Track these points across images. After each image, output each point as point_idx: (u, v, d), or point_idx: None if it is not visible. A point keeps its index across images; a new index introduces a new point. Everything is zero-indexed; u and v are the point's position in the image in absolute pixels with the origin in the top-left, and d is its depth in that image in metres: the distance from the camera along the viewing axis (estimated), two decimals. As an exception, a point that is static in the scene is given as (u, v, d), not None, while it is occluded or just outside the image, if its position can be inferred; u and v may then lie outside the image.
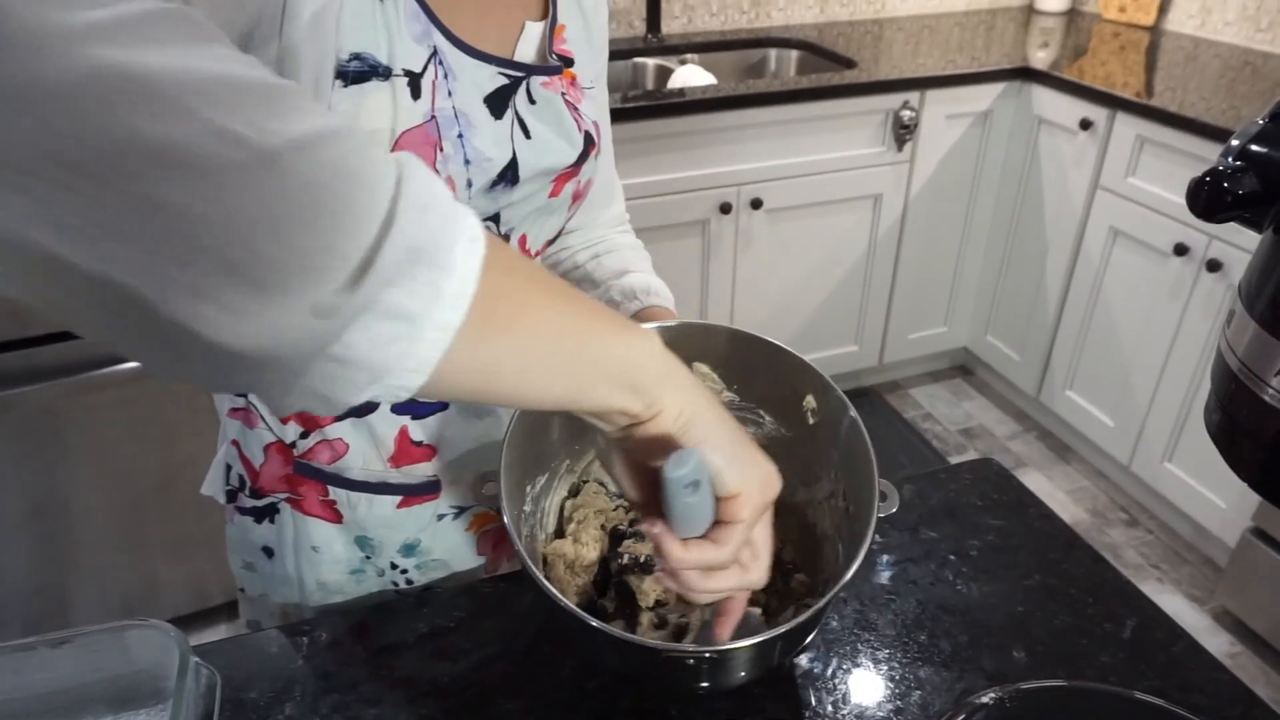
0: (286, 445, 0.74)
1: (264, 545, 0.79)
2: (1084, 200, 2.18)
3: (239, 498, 0.78)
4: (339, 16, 0.56)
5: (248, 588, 0.83)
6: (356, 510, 0.76)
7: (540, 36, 0.71)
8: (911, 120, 2.21)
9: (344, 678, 0.68)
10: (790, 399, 0.71)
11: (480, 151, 0.65)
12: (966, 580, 0.77)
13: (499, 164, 0.66)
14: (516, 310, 0.41)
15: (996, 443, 2.55)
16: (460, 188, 0.65)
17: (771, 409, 0.74)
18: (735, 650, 0.57)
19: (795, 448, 0.72)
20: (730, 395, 0.74)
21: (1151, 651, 0.70)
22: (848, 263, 2.42)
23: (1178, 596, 2.05)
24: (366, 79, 0.59)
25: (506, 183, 0.67)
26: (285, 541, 0.78)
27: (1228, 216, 0.37)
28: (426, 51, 0.62)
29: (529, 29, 0.70)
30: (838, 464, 0.69)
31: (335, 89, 0.58)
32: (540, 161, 0.70)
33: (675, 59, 2.42)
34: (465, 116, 0.64)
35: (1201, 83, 2.08)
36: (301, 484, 0.75)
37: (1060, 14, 2.78)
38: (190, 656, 0.59)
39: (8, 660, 0.61)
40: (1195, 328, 1.95)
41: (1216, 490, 1.99)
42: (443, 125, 0.62)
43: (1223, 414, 0.40)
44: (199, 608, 1.93)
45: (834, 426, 0.69)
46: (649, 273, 0.88)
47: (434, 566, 0.82)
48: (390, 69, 0.60)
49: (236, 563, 0.82)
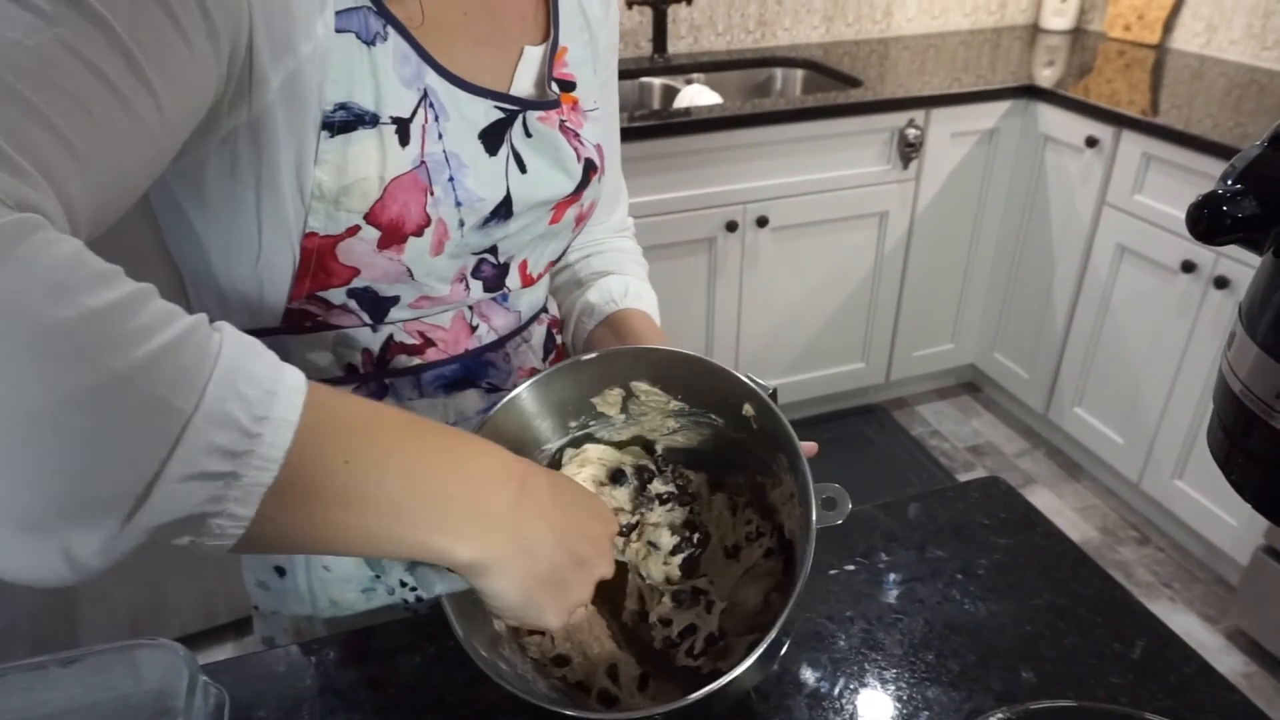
0: None
1: (276, 564, 0.79)
2: (1090, 217, 2.18)
3: None
4: (323, 68, 0.56)
5: (261, 605, 0.84)
6: None
7: (540, 62, 0.70)
8: (917, 138, 2.22)
9: (352, 697, 0.68)
10: (734, 407, 0.68)
11: (472, 192, 0.64)
12: (974, 599, 0.77)
13: (491, 203, 0.66)
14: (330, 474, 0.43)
15: (1005, 460, 2.55)
16: (452, 228, 0.64)
17: (721, 413, 0.72)
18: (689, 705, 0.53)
19: (751, 448, 0.70)
20: (678, 404, 0.71)
21: (1162, 672, 0.70)
22: (854, 280, 2.42)
23: (1190, 616, 2.03)
24: (353, 128, 0.58)
25: (500, 218, 0.67)
26: (296, 560, 0.78)
27: (1228, 240, 0.37)
28: (416, 95, 0.61)
29: (528, 55, 0.69)
30: (786, 466, 0.67)
31: (321, 139, 0.57)
32: (535, 195, 0.69)
33: (681, 79, 2.44)
34: (456, 158, 0.63)
35: (1208, 100, 2.09)
36: None
37: (1065, 32, 2.79)
38: (199, 676, 0.59)
39: (19, 679, 0.61)
40: (1204, 344, 1.95)
41: (1228, 508, 1.98)
42: (433, 170, 0.62)
43: (1226, 436, 0.41)
44: (206, 626, 1.93)
45: (769, 436, 0.66)
46: (638, 278, 0.86)
47: None
48: (378, 116, 0.59)
49: (250, 580, 0.83)
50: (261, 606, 0.84)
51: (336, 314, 0.66)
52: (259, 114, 0.55)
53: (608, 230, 0.90)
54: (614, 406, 0.72)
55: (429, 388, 0.74)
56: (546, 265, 0.78)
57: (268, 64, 0.53)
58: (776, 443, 0.65)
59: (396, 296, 0.66)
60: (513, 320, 0.77)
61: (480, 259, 0.70)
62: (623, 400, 0.72)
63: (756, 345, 2.40)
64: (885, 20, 2.74)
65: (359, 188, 0.59)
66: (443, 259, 0.66)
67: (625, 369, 0.70)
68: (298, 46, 0.54)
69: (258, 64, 0.53)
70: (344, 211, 0.60)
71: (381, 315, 0.68)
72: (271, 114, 0.55)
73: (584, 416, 0.73)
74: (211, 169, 0.58)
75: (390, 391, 0.73)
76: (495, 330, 0.75)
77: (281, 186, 0.58)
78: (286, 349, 0.69)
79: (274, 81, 0.54)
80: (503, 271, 0.72)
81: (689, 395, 0.71)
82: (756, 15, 2.60)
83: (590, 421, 0.73)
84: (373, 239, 0.61)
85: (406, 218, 0.61)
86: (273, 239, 0.61)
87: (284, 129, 0.56)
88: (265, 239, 0.61)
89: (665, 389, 0.71)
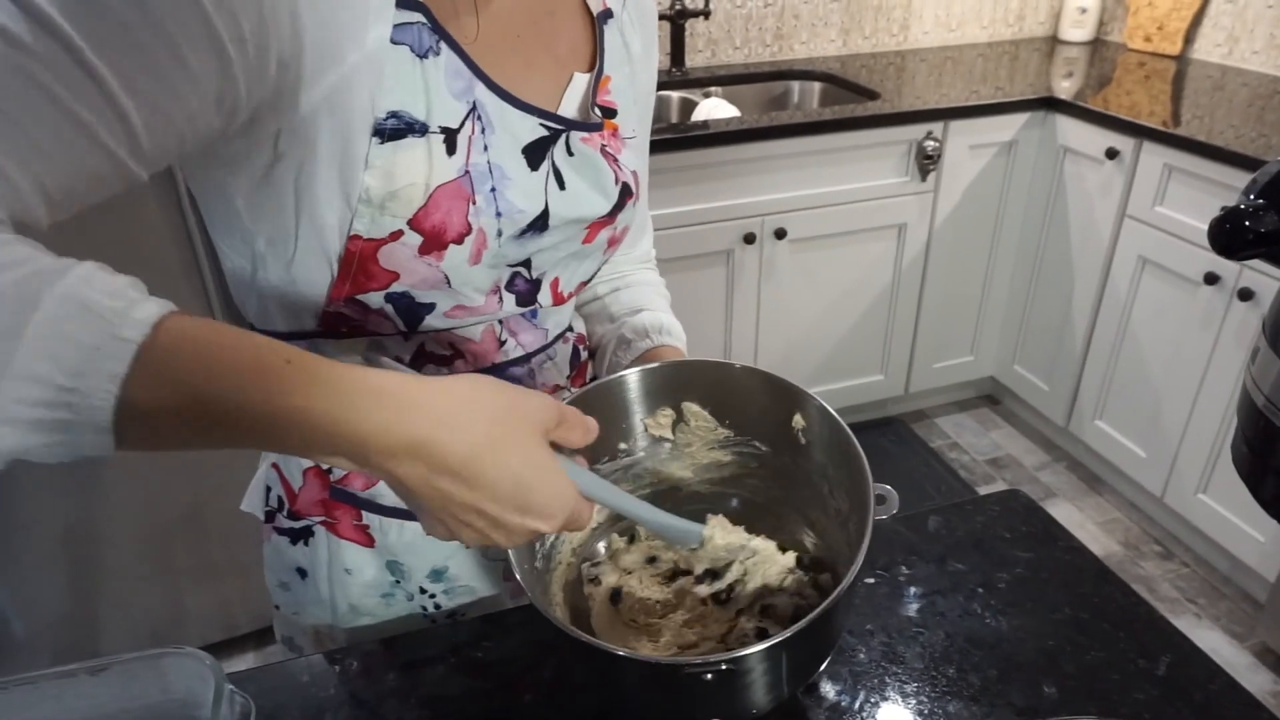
0: (324, 471, 0.76)
1: (298, 566, 0.80)
2: (1111, 229, 2.17)
3: (277, 518, 0.80)
4: (377, 77, 0.58)
5: (282, 606, 0.85)
6: (388, 535, 0.78)
7: (586, 88, 0.73)
8: (935, 150, 2.22)
9: (375, 705, 0.69)
10: (782, 421, 0.72)
11: (513, 204, 0.66)
12: (995, 613, 0.76)
13: (530, 215, 0.68)
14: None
15: (1025, 473, 2.52)
16: (490, 237, 0.66)
17: (765, 437, 0.75)
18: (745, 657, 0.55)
19: (795, 471, 0.73)
20: (725, 432, 0.76)
21: (1187, 689, 0.69)
22: (872, 292, 2.42)
23: (1216, 632, 2.00)
24: (403, 136, 0.60)
25: (536, 230, 0.69)
26: (319, 563, 0.79)
27: (1249, 254, 0.37)
28: (465, 108, 0.63)
29: (576, 80, 0.72)
30: (833, 478, 0.70)
31: (372, 145, 0.59)
32: (572, 212, 0.71)
33: (699, 92, 2.45)
34: (500, 169, 0.65)
35: (1230, 111, 2.07)
36: (336, 508, 0.77)
37: (1085, 44, 2.78)
38: (225, 684, 0.60)
39: (49, 687, 0.62)
40: (1228, 357, 1.93)
41: (1254, 523, 1.95)
42: (476, 180, 0.64)
43: (1250, 451, 0.40)
44: (227, 636, 1.94)
45: (823, 440, 0.70)
46: (665, 311, 0.89)
47: (461, 592, 0.83)
48: (427, 126, 0.61)
49: (272, 581, 0.84)
50: (282, 607, 0.85)
51: (373, 320, 0.68)
52: (302, 118, 0.57)
53: (633, 261, 0.93)
54: (665, 428, 0.77)
55: None
56: (577, 286, 0.79)
57: (311, 72, 0.55)
58: (831, 448, 0.68)
59: (432, 304, 0.68)
60: (539, 338, 0.78)
61: (515, 272, 0.71)
62: (672, 423, 0.76)
63: (774, 358, 2.39)
64: (902, 33, 2.75)
65: (405, 194, 0.61)
66: (480, 269, 0.67)
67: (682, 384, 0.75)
68: (345, 56, 0.56)
69: (302, 71, 0.55)
70: (389, 216, 0.61)
71: (416, 323, 0.69)
72: (314, 119, 0.57)
73: (633, 440, 0.77)
74: (254, 166, 0.60)
75: None
76: (522, 346, 0.77)
77: (318, 189, 0.60)
78: (322, 353, 0.70)
79: (318, 88, 0.56)
80: (535, 287, 0.74)
81: (736, 418, 0.75)
82: (774, 29, 2.61)
83: (638, 449, 0.77)
84: (414, 244, 0.63)
85: (448, 225, 0.63)
86: (308, 240, 0.62)
87: (327, 134, 0.58)
88: (301, 240, 0.63)
89: (714, 411, 0.75)
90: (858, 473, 0.64)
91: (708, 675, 0.54)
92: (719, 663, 0.54)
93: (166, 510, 1.76)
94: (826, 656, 0.66)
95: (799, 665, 0.63)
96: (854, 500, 0.66)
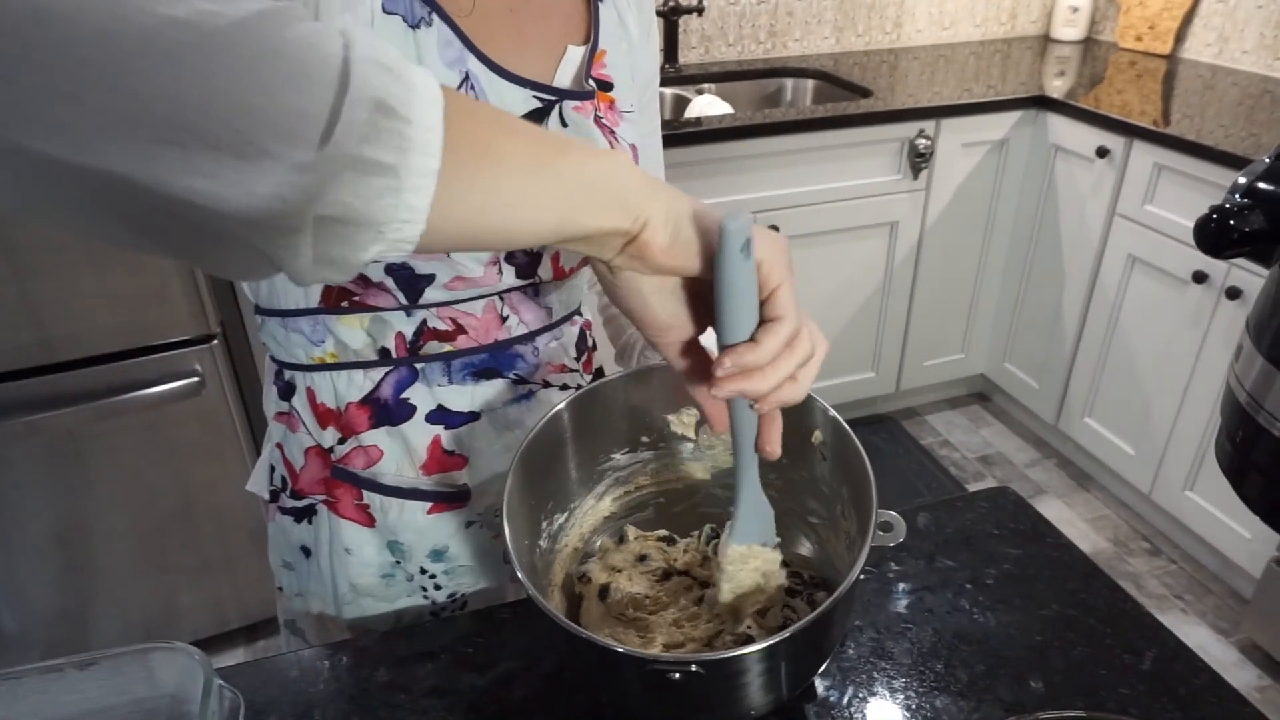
0: (325, 450, 0.77)
1: (302, 544, 0.81)
2: (1101, 228, 2.18)
3: (280, 498, 0.81)
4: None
5: (285, 586, 0.86)
6: (388, 515, 0.78)
7: (580, 61, 0.73)
8: (927, 149, 2.22)
9: (366, 701, 0.69)
10: (803, 435, 0.71)
11: None
12: (983, 609, 0.77)
13: None
14: (487, 149, 0.42)
15: (1015, 470, 2.54)
16: None
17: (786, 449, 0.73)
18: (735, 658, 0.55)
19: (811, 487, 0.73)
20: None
21: (1173, 684, 0.70)
22: (864, 290, 2.42)
23: (1202, 628, 2.02)
24: None
25: None
26: (321, 542, 0.80)
27: (1235, 253, 0.37)
28: (458, 77, 0.64)
29: (570, 53, 0.73)
30: (847, 499, 0.69)
31: None
32: None
33: (693, 89, 2.45)
34: None
35: (1220, 111, 2.08)
36: (338, 487, 0.78)
37: (1076, 43, 2.79)
38: (214, 679, 0.60)
39: (36, 682, 0.62)
40: (1215, 355, 1.94)
41: (1240, 520, 1.96)
42: None
43: (1233, 447, 0.41)
44: (218, 631, 1.94)
45: (838, 459, 0.69)
46: None
47: (461, 573, 0.84)
48: None
49: (276, 561, 0.85)
50: (285, 588, 0.86)
51: (373, 293, 0.69)
52: None
53: None
54: (689, 428, 0.76)
55: (458, 375, 0.76)
56: (580, 260, 0.79)
57: None
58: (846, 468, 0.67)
59: (432, 275, 0.68)
60: (543, 316, 0.79)
61: None
62: (696, 423, 0.76)
63: (766, 354, 2.39)
64: (895, 31, 2.75)
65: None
66: None
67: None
68: (333, 20, 0.57)
69: None
70: None
71: (416, 296, 0.69)
72: None
73: (655, 435, 0.76)
74: None
75: (420, 376, 0.75)
76: (525, 324, 0.77)
77: None
78: (326, 328, 0.72)
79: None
80: (535, 259, 0.74)
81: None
82: (767, 26, 2.61)
83: (660, 442, 0.77)
84: None
85: None
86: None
87: None
88: None
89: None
90: (863, 491, 0.63)
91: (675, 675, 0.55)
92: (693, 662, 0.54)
93: (158, 506, 1.76)
94: (823, 663, 0.66)
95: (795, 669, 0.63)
96: (861, 524, 0.66)
